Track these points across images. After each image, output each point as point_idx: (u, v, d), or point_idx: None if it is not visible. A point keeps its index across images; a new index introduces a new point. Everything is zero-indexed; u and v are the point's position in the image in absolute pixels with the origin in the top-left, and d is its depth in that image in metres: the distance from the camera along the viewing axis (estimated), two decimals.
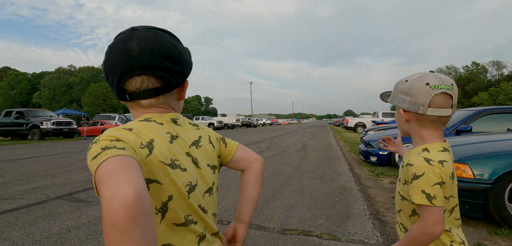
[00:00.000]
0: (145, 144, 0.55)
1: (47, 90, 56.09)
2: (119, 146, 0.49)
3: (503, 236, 2.38)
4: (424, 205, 0.78)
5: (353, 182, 4.54)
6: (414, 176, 0.81)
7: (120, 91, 0.61)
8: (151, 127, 0.60)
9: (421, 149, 0.86)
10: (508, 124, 4.69)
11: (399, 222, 0.98)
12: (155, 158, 0.55)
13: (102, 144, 0.49)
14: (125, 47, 0.58)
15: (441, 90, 0.81)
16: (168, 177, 0.57)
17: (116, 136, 0.52)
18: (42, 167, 6.21)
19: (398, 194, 0.95)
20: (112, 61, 0.59)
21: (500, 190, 2.50)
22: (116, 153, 0.46)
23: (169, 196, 0.57)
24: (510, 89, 35.73)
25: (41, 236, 2.53)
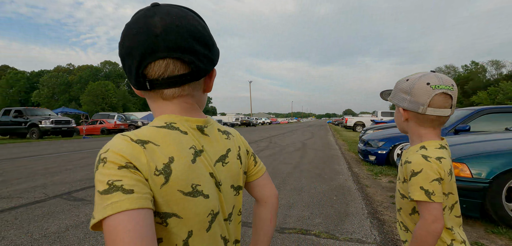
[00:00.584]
0: (161, 168, 0.46)
1: (46, 89, 55.95)
2: (127, 184, 0.41)
3: (500, 235, 2.39)
4: (423, 202, 0.79)
5: (352, 181, 4.55)
6: (413, 173, 0.82)
7: (140, 78, 0.50)
8: (173, 138, 0.50)
9: (418, 146, 0.87)
10: (506, 123, 4.70)
11: (399, 220, 0.98)
12: (173, 187, 0.46)
13: (109, 175, 0.42)
14: (146, 24, 0.48)
15: (441, 90, 0.82)
16: (188, 208, 0.48)
17: (127, 158, 0.44)
18: (41, 165, 6.20)
19: (398, 192, 0.95)
20: (129, 42, 0.49)
21: (498, 189, 2.51)
22: (123, 206, 0.39)
23: (189, 231, 0.49)
24: (509, 89, 35.80)
25: (39, 234, 2.53)
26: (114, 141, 0.46)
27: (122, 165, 0.43)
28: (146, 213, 0.41)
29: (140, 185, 0.42)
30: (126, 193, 0.41)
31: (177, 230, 0.47)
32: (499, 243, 2.28)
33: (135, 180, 0.42)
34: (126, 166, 0.43)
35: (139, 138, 0.47)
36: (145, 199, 0.42)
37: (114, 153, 0.44)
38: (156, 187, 0.45)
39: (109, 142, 0.46)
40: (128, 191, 0.41)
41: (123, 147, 0.45)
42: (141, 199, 0.41)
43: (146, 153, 0.45)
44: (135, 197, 0.41)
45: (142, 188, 0.43)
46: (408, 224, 0.92)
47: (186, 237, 0.48)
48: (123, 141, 0.46)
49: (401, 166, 0.92)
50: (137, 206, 0.40)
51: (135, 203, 0.40)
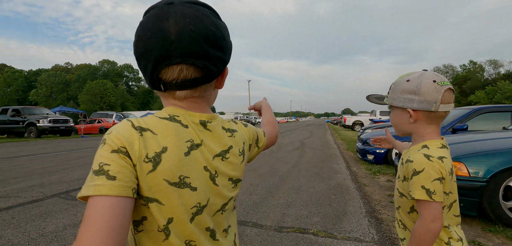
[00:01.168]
0: (151, 156, 0.48)
1: (44, 88, 55.73)
2: (112, 170, 0.44)
3: (497, 234, 2.40)
4: (423, 201, 0.79)
5: (350, 180, 4.56)
6: (414, 172, 0.82)
7: (154, 80, 0.52)
8: (171, 129, 0.52)
9: (420, 146, 0.87)
10: (503, 122, 4.72)
11: (398, 218, 0.98)
12: (159, 176, 0.49)
13: (103, 156, 0.45)
14: (161, 28, 0.48)
15: (448, 86, 0.83)
16: (171, 197, 0.50)
17: (122, 142, 0.47)
18: (39, 165, 6.17)
19: (397, 191, 0.95)
20: (144, 44, 0.50)
21: (495, 188, 2.52)
22: (102, 191, 0.43)
23: (169, 218, 0.51)
24: (506, 88, 35.97)
25: (36, 234, 2.52)
26: (119, 124, 0.50)
27: (115, 149, 0.46)
28: (123, 201, 0.44)
29: (124, 172, 0.45)
30: (109, 179, 0.44)
31: (157, 215, 0.50)
32: (496, 241, 2.29)
33: (121, 167, 0.45)
34: (118, 151, 0.46)
35: (140, 125, 0.50)
36: (125, 188, 0.45)
37: (113, 135, 0.48)
38: (142, 173, 0.48)
39: (114, 125, 0.50)
40: (112, 177, 0.44)
41: (122, 131, 0.48)
42: (120, 188, 0.44)
43: (140, 140, 0.48)
44: (116, 184, 0.44)
45: (126, 175, 0.45)
46: (406, 222, 0.93)
47: (166, 222, 0.51)
48: (125, 125, 0.49)
49: (402, 165, 0.92)
50: (115, 193, 0.43)
51: (114, 191, 0.43)
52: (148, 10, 0.52)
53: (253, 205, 3.28)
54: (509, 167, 2.50)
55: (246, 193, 3.78)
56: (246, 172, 5.25)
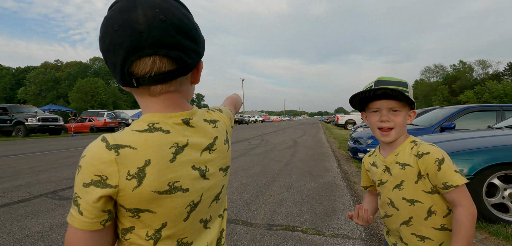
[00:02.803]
0: (134, 172, 0.47)
1: (33, 86, 54.47)
2: (82, 206, 0.46)
3: (480, 229, 2.47)
4: (462, 186, 0.76)
5: (341, 178, 4.61)
6: (439, 161, 0.78)
7: (125, 76, 0.49)
8: (153, 141, 0.50)
9: (409, 141, 0.88)
10: (489, 121, 4.85)
11: (407, 234, 0.86)
12: (146, 189, 0.48)
13: (77, 186, 0.47)
14: (128, 19, 0.46)
15: None
16: (163, 205, 0.50)
17: (97, 169, 0.46)
18: (26, 164, 6.05)
19: (403, 201, 0.85)
20: (111, 38, 0.47)
21: (479, 185, 2.59)
22: (74, 223, 0.47)
23: (163, 223, 0.51)
24: (494, 88, 36.86)
25: (22, 234, 2.47)
26: (91, 148, 0.48)
27: (86, 182, 0.46)
28: (93, 234, 0.48)
29: (90, 210, 0.46)
30: (80, 213, 0.47)
31: (150, 222, 0.51)
32: (479, 237, 2.35)
33: (88, 204, 0.46)
34: (90, 182, 0.46)
35: (116, 143, 0.48)
36: (92, 224, 0.47)
37: (86, 163, 0.47)
38: (127, 191, 0.47)
39: (89, 145, 0.49)
40: (80, 212, 0.47)
41: (95, 156, 0.47)
42: (86, 223, 0.47)
43: (117, 160, 0.47)
44: (83, 220, 0.46)
45: (92, 212, 0.47)
46: (424, 232, 0.83)
47: (160, 227, 0.51)
48: (98, 149, 0.47)
49: (405, 167, 0.84)
50: (83, 228, 0.47)
51: (82, 225, 0.47)
52: (113, 4, 0.50)
53: (243, 203, 3.29)
54: (492, 165, 2.57)
55: (237, 192, 3.79)
56: (238, 171, 5.26)
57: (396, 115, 0.86)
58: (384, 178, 0.91)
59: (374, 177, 0.98)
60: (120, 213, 0.50)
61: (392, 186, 0.88)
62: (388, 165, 0.90)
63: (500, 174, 2.61)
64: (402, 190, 0.86)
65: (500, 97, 34.97)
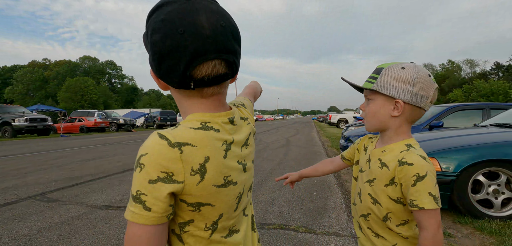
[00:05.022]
0: (197, 168, 0.50)
1: (20, 85, 53.03)
2: (149, 202, 0.46)
3: (465, 225, 2.54)
4: (432, 209, 0.71)
5: (332, 176, 4.66)
6: (418, 177, 0.72)
7: (185, 78, 0.50)
8: (208, 139, 0.52)
9: (403, 144, 0.79)
10: (476, 119, 4.98)
11: (364, 226, 0.88)
12: (208, 183, 0.51)
13: (140, 185, 0.47)
14: (193, 23, 0.47)
15: (436, 85, 0.78)
16: (220, 198, 0.54)
17: (162, 166, 0.47)
18: (13, 166, 5.90)
19: (368, 196, 0.84)
20: (176, 40, 0.47)
21: (464, 182, 2.66)
22: (139, 220, 0.47)
23: (219, 215, 0.56)
24: (481, 87, 37.81)
25: (8, 238, 2.42)
26: (153, 145, 0.48)
27: (153, 179, 0.47)
28: (159, 228, 0.48)
29: (159, 204, 0.47)
30: (146, 209, 0.47)
31: (209, 215, 0.54)
32: (464, 232, 2.42)
33: (156, 199, 0.47)
34: (157, 179, 0.47)
35: (177, 141, 0.49)
36: (160, 218, 0.48)
37: (151, 161, 0.47)
38: (192, 185, 0.50)
39: (148, 143, 0.49)
40: (147, 208, 0.47)
41: (160, 154, 0.47)
42: (155, 219, 0.47)
43: (182, 157, 0.48)
44: (150, 215, 0.47)
45: (161, 207, 0.47)
46: (379, 231, 0.84)
47: (217, 219, 0.55)
48: (161, 146, 0.48)
49: (382, 167, 0.80)
50: (150, 223, 0.47)
51: (149, 221, 0.47)
52: (164, 3, 0.50)
53: None
54: (477, 162, 2.64)
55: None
56: None
57: (368, 103, 0.84)
58: (364, 167, 0.88)
59: (359, 161, 0.94)
60: (180, 207, 0.52)
61: (366, 178, 0.86)
62: (372, 157, 0.86)
63: (485, 171, 2.69)
64: (371, 186, 0.83)
65: (487, 95, 35.92)
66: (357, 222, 0.93)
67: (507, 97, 31.77)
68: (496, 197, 2.65)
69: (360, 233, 0.92)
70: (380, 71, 0.80)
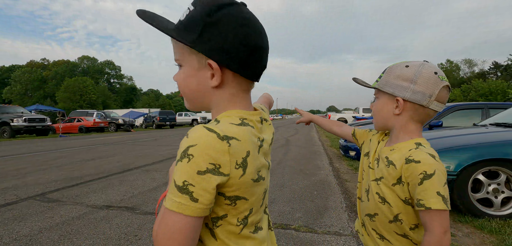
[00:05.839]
0: (240, 162, 0.51)
1: (19, 85, 52.84)
2: (196, 193, 0.47)
3: (466, 224, 2.55)
4: (438, 211, 0.67)
5: (332, 176, 4.67)
6: (425, 175, 0.69)
7: (262, 69, 0.59)
8: (249, 134, 0.55)
9: (413, 143, 0.77)
10: (475, 119, 5.00)
11: (369, 227, 0.86)
12: (248, 177, 0.53)
13: (188, 175, 0.47)
14: (261, 26, 0.57)
15: (446, 83, 0.74)
16: (253, 192, 0.56)
17: (212, 158, 0.48)
18: (12, 166, 5.88)
19: (376, 195, 0.81)
20: (259, 37, 0.56)
21: (464, 181, 2.68)
22: (185, 211, 0.47)
23: (250, 209, 0.57)
24: (480, 86, 37.93)
25: (9, 238, 2.41)
26: (202, 137, 0.48)
27: (202, 170, 0.47)
28: (199, 221, 0.49)
29: (206, 196, 0.48)
30: (193, 200, 0.47)
31: (243, 209, 0.55)
32: (465, 231, 2.43)
33: (204, 190, 0.47)
34: (206, 170, 0.47)
35: (226, 134, 0.50)
36: (205, 210, 0.48)
37: (200, 152, 0.47)
38: (235, 178, 0.51)
39: (196, 135, 0.49)
40: (195, 199, 0.47)
41: (210, 147, 0.48)
42: (200, 210, 0.48)
43: (229, 151, 0.49)
44: (197, 207, 0.47)
45: (207, 198, 0.48)
46: (385, 234, 0.81)
47: (248, 213, 0.57)
48: (210, 138, 0.48)
49: (389, 166, 0.78)
50: (196, 215, 0.47)
51: (195, 212, 0.47)
52: (229, 4, 0.55)
53: None
54: (477, 161, 2.66)
55: None
56: None
57: (375, 102, 0.86)
58: (372, 164, 0.87)
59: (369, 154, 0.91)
60: (217, 201, 0.53)
61: (373, 176, 0.84)
62: (380, 155, 0.84)
63: (485, 170, 2.70)
64: (379, 185, 0.81)
65: (486, 95, 36.03)
66: (362, 219, 0.91)
67: (506, 97, 31.90)
68: (496, 196, 2.66)
69: (363, 231, 0.90)
70: (385, 70, 0.82)
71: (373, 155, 0.88)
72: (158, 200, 0.85)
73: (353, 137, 1.06)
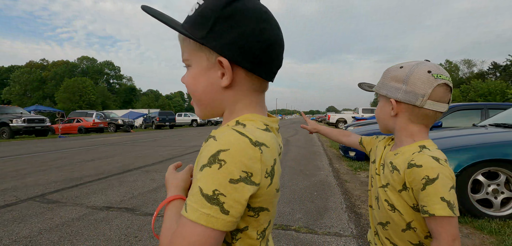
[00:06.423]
0: (270, 170, 0.47)
1: (18, 85, 52.76)
2: (227, 204, 0.42)
3: (465, 224, 2.56)
4: (444, 217, 0.64)
5: (332, 176, 4.68)
6: (427, 179, 0.66)
7: (277, 68, 0.55)
8: (274, 141, 0.51)
9: (417, 146, 0.74)
10: (474, 119, 5.01)
11: (382, 236, 0.82)
12: (273, 187, 0.49)
13: (219, 183, 0.42)
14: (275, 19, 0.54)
15: (443, 81, 0.71)
16: (274, 202, 0.53)
17: (245, 165, 0.43)
18: (12, 167, 5.87)
19: (385, 203, 0.78)
20: (277, 33, 0.52)
21: (464, 182, 2.68)
22: (215, 225, 0.41)
23: (269, 221, 0.53)
24: (479, 87, 38.01)
25: (9, 240, 2.41)
26: (235, 141, 0.44)
27: (234, 178, 0.42)
28: (224, 234, 0.44)
29: (238, 207, 0.43)
30: (223, 212, 0.42)
31: (263, 221, 0.51)
32: (465, 232, 2.44)
33: (236, 202, 0.43)
34: (239, 178, 0.43)
35: (258, 140, 0.46)
36: (233, 223, 0.43)
37: (234, 158, 0.43)
38: (264, 188, 0.47)
39: (229, 138, 0.44)
40: (226, 211, 0.42)
41: (244, 151, 0.43)
42: (230, 223, 0.43)
43: (262, 158, 0.45)
44: (228, 220, 0.42)
45: (239, 210, 0.43)
46: (398, 243, 0.78)
47: (267, 226, 0.53)
48: (244, 143, 0.44)
49: (393, 171, 0.75)
50: (224, 229, 0.43)
51: (225, 226, 0.42)
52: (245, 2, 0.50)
53: None
54: (477, 162, 2.66)
55: None
56: None
57: (378, 104, 0.86)
58: (378, 170, 0.84)
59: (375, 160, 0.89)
60: None
61: (380, 183, 0.82)
62: (385, 160, 0.81)
63: (484, 171, 2.71)
64: (386, 191, 0.78)
65: (485, 95, 36.12)
66: (375, 228, 0.87)
67: (505, 97, 31.98)
68: (496, 196, 2.67)
69: (377, 240, 0.86)
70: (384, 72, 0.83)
71: (379, 161, 0.86)
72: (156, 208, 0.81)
73: (361, 145, 1.05)
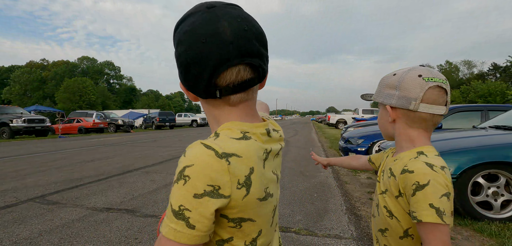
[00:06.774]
0: (243, 181, 0.47)
1: (18, 85, 52.74)
2: (193, 219, 0.43)
3: (465, 227, 2.56)
4: (432, 224, 0.63)
5: (332, 178, 4.68)
6: (418, 185, 0.66)
7: (210, 87, 0.49)
8: (252, 149, 0.50)
9: (415, 152, 0.74)
10: (474, 121, 5.01)
11: (382, 243, 0.82)
12: (253, 197, 0.48)
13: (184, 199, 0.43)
14: (215, 30, 0.46)
15: (436, 83, 0.71)
16: (261, 211, 0.51)
17: (210, 179, 0.44)
18: (12, 168, 5.87)
19: (384, 209, 0.78)
20: (198, 50, 0.47)
21: (464, 184, 2.68)
22: (181, 239, 0.43)
23: (259, 231, 0.52)
24: (479, 88, 38.01)
25: (9, 241, 2.41)
26: (199, 156, 0.45)
27: (198, 193, 0.43)
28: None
29: (204, 222, 0.44)
30: (189, 227, 0.43)
31: (250, 231, 0.51)
32: (464, 234, 2.44)
33: (202, 216, 0.44)
34: (204, 193, 0.43)
35: (224, 151, 0.46)
36: (202, 237, 0.44)
37: (198, 172, 0.44)
38: (237, 200, 0.47)
39: (193, 153, 0.45)
40: (191, 226, 0.43)
41: (208, 165, 0.44)
42: (197, 237, 0.44)
43: (229, 170, 0.45)
44: (194, 234, 0.43)
45: (206, 225, 0.44)
46: None
47: (256, 236, 0.52)
48: (208, 157, 0.45)
49: (390, 177, 0.76)
50: (191, 243, 0.43)
51: (191, 240, 0.43)
52: (187, 16, 0.50)
53: None
54: (477, 164, 2.66)
55: None
56: None
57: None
58: (379, 177, 0.85)
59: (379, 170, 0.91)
60: (220, 224, 0.49)
61: (379, 190, 0.83)
62: (385, 167, 0.83)
63: (484, 173, 2.71)
64: (385, 198, 0.79)
65: (485, 96, 36.10)
66: (376, 236, 0.88)
67: (505, 98, 31.97)
68: (496, 199, 2.67)
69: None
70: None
71: (381, 168, 0.87)
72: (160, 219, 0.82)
73: (370, 163, 1.07)
